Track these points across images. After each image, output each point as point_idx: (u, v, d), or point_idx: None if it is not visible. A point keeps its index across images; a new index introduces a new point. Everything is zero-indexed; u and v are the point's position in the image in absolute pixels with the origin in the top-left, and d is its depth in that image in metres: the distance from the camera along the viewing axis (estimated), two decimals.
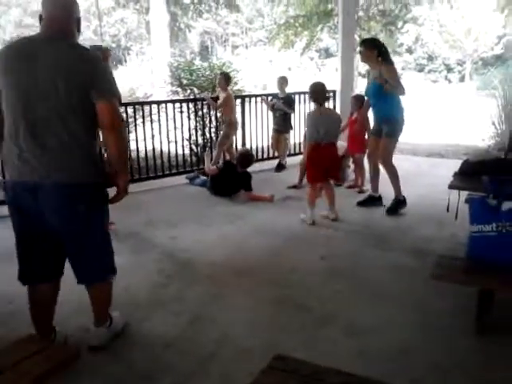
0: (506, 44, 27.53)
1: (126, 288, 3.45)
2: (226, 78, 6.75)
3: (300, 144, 7.45)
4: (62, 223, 2.47)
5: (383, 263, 3.83)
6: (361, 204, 5.28)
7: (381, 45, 4.89)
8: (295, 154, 7.56)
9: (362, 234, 4.49)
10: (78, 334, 2.84)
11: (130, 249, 4.17)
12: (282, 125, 7.08)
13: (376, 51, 4.78)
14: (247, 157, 5.92)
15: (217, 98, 6.87)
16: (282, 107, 6.99)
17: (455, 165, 4.12)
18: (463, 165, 3.89)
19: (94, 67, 2.42)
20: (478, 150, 8.69)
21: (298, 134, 7.62)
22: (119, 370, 2.53)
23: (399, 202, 5.01)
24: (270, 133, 7.40)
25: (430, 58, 31.85)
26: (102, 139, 2.60)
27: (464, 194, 3.36)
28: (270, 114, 7.40)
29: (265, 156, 7.65)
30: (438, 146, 9.51)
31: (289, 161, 7.27)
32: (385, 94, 4.71)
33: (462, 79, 30.36)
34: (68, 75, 2.34)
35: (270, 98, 7.32)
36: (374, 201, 5.25)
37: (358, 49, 5.06)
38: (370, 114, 5.33)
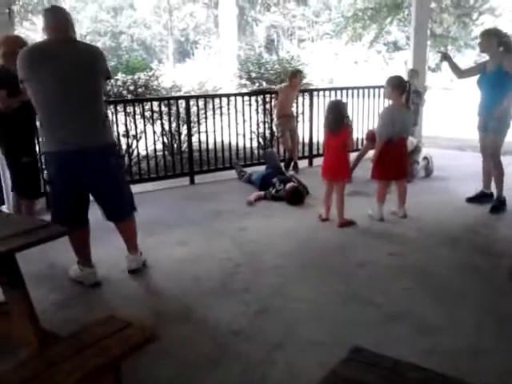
0: None
1: (196, 275, 3.57)
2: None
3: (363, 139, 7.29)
4: (103, 175, 3.25)
5: (454, 262, 3.73)
6: (470, 200, 5.12)
7: (502, 34, 4.67)
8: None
9: (432, 233, 4.37)
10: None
11: (200, 238, 4.29)
12: (414, 118, 6.96)
13: (496, 40, 4.58)
14: (298, 194, 5.31)
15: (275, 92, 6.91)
16: (423, 101, 7.04)
17: None
18: None
19: (102, 55, 3.28)
20: None
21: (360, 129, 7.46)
22: (189, 356, 2.61)
23: (502, 202, 4.84)
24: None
25: (508, 51, 30.24)
26: None
27: None
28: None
29: None
30: None
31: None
32: (503, 86, 4.51)
33: None
34: (89, 66, 3.17)
35: None
36: (484, 197, 5.06)
37: (478, 40, 4.86)
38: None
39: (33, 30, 19.93)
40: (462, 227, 4.48)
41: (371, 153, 5.15)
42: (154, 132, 6.43)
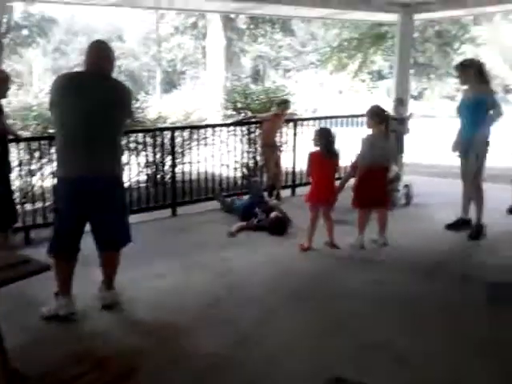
0: None
1: (175, 307, 3.56)
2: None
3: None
4: (111, 202, 3.35)
5: (435, 292, 3.77)
6: (450, 227, 5.20)
7: (478, 64, 4.92)
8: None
9: (413, 261, 4.41)
10: None
11: (180, 270, 4.27)
12: (399, 146, 7.08)
13: (473, 70, 4.82)
14: (281, 224, 5.34)
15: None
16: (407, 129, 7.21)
17: None
18: None
19: (130, 96, 3.53)
20: None
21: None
22: None
23: (481, 228, 4.92)
24: None
25: (482, 80, 30.79)
26: None
27: None
28: None
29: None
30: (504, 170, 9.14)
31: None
32: (481, 113, 4.74)
33: None
34: (115, 103, 3.30)
35: None
36: (464, 224, 5.14)
37: (456, 73, 5.12)
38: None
39: (21, 63, 20.07)
40: (441, 254, 4.54)
41: (353, 181, 5.19)
42: (138, 163, 6.45)
